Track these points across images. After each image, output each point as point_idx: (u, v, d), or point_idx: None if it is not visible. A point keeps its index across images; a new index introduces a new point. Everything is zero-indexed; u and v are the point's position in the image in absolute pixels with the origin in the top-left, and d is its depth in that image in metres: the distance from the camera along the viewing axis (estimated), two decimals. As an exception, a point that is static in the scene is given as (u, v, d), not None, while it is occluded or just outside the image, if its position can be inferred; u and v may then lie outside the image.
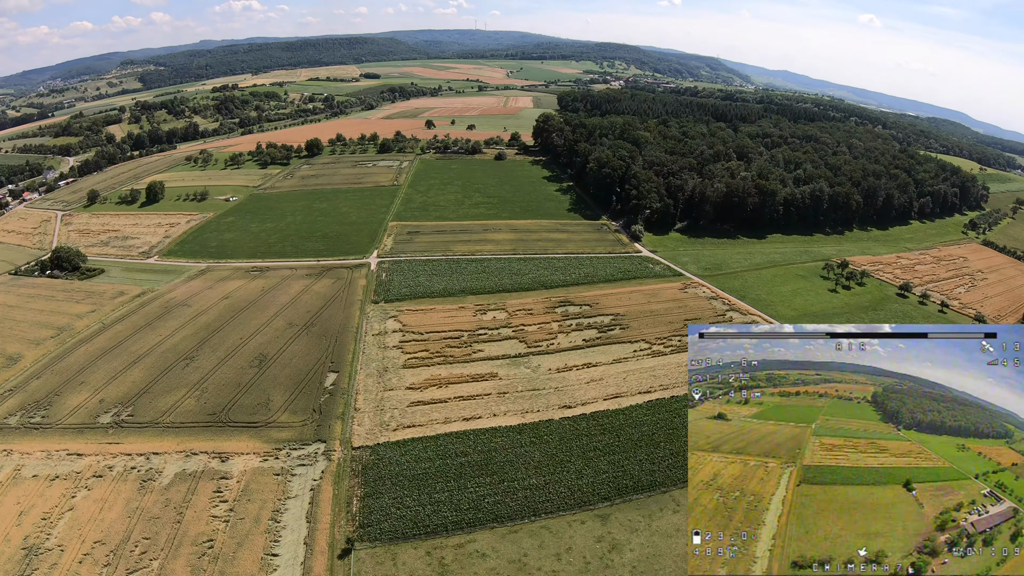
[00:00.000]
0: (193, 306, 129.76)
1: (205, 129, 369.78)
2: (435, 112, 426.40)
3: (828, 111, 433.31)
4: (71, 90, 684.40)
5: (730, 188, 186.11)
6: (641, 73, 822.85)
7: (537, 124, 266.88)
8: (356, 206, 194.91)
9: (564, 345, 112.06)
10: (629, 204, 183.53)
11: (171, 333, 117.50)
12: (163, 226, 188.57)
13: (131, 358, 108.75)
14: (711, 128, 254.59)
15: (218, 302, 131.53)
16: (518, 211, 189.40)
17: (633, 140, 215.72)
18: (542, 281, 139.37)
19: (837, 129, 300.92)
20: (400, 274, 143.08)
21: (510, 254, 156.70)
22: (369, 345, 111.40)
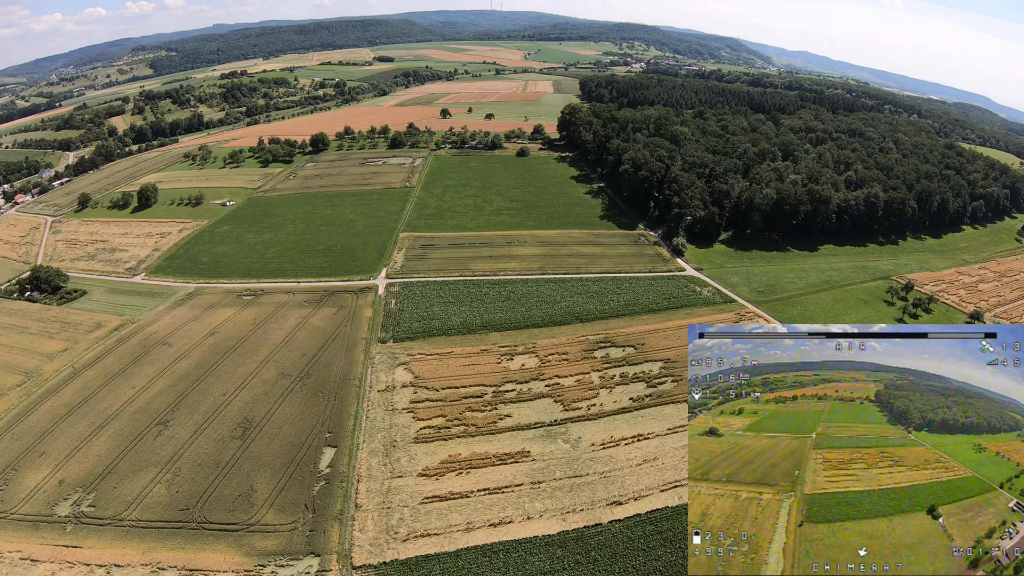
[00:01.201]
0: (174, 346, 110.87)
1: (210, 119, 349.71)
2: (451, 99, 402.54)
3: (861, 98, 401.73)
4: (82, 78, 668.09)
5: (781, 194, 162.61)
6: (661, 55, 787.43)
7: (563, 116, 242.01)
8: (363, 212, 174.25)
9: (608, 407, 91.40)
10: (669, 212, 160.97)
11: (146, 384, 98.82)
12: (153, 236, 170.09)
13: (99, 419, 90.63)
14: (751, 121, 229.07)
15: (202, 340, 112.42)
16: (544, 218, 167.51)
17: (671, 137, 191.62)
18: (577, 312, 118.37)
19: (879, 121, 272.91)
20: (412, 302, 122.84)
21: (538, 273, 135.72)
22: (374, 406, 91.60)
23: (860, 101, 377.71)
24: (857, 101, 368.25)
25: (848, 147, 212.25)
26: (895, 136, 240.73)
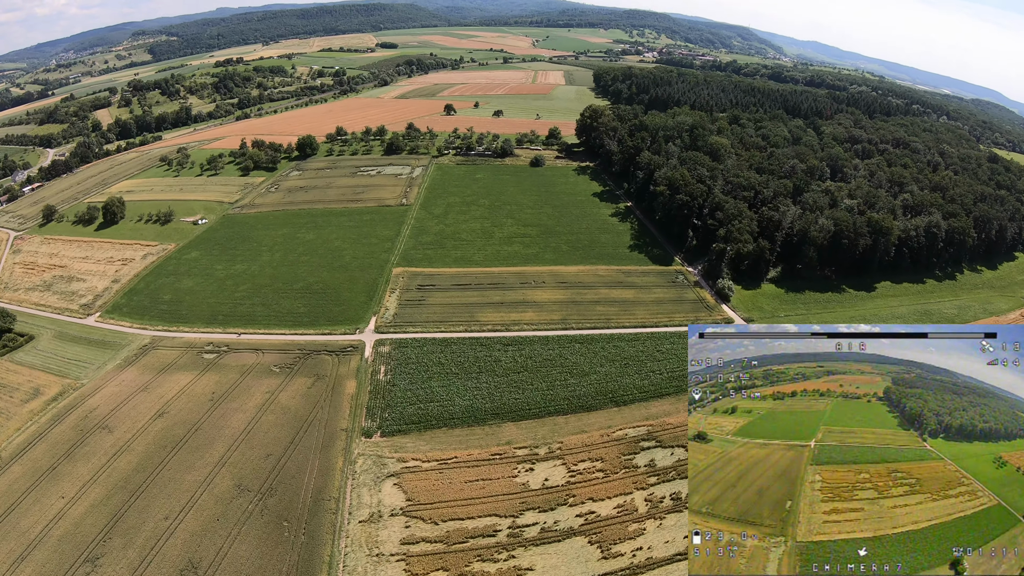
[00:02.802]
0: (115, 431, 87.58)
1: (199, 112, 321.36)
2: (456, 90, 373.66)
3: (887, 96, 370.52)
4: (79, 64, 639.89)
5: (839, 225, 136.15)
6: (673, 43, 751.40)
7: (583, 120, 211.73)
8: (352, 238, 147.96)
9: (658, 550, 66.61)
10: (710, 242, 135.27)
11: (77, 494, 76.57)
12: (114, 263, 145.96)
13: (19, 546, 68.92)
14: (791, 129, 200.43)
15: (149, 424, 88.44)
16: (565, 249, 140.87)
17: (709, 150, 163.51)
18: (611, 390, 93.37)
19: (918, 127, 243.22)
20: (405, 371, 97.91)
21: (559, 328, 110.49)
22: (355, 545, 67.24)
23: (888, 101, 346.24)
24: (885, 101, 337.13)
25: (898, 162, 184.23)
26: (940, 148, 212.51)
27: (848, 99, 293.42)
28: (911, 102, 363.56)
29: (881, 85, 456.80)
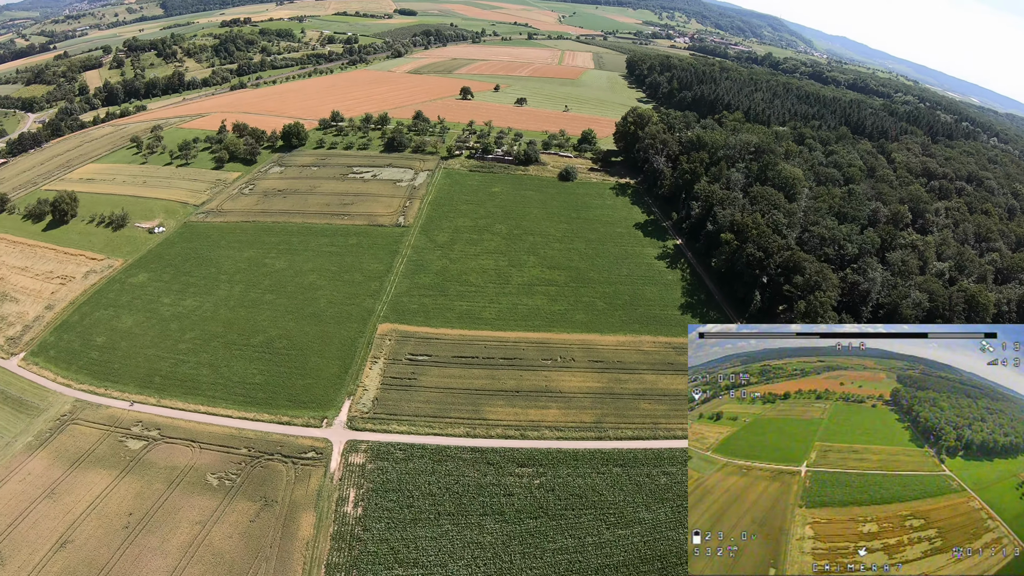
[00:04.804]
0: (7, 565, 62.38)
1: (192, 79, 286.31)
2: (475, 68, 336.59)
3: (936, 110, 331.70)
4: (88, 16, 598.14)
5: (934, 301, 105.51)
6: (703, 28, 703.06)
7: (624, 125, 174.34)
8: (331, 271, 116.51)
9: None
10: (784, 310, 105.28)
11: None
12: (54, 280, 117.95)
13: None
14: (860, 153, 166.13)
15: (47, 558, 63.06)
16: (601, 307, 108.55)
17: (780, 183, 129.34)
18: (661, 553, 64.88)
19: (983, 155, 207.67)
20: (383, 506, 69.36)
21: (592, 437, 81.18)
22: None
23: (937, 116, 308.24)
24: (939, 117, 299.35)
25: (979, 207, 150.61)
26: (1013, 187, 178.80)
27: (907, 115, 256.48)
28: (960, 118, 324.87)
29: (925, 95, 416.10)
